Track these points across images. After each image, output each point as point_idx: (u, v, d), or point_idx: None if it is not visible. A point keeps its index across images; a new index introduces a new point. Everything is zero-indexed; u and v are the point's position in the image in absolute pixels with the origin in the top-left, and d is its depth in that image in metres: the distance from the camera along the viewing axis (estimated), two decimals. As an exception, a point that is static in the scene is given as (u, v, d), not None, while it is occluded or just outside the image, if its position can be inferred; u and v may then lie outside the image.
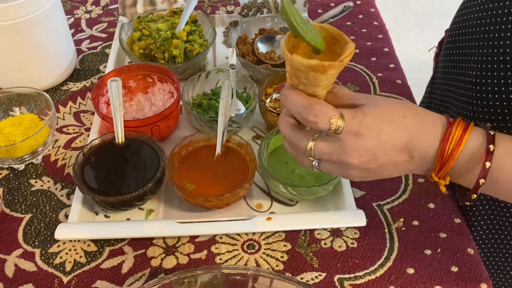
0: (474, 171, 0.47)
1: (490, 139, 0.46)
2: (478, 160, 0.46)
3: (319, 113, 0.44)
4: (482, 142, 0.46)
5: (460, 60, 0.69)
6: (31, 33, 0.74)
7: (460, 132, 0.46)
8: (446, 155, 0.46)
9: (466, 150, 0.46)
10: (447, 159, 0.47)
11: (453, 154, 0.46)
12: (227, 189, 0.64)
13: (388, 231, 0.65)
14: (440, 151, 0.47)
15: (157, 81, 0.79)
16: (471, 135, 0.47)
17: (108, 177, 0.64)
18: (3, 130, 0.71)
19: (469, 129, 0.47)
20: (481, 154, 0.46)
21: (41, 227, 0.64)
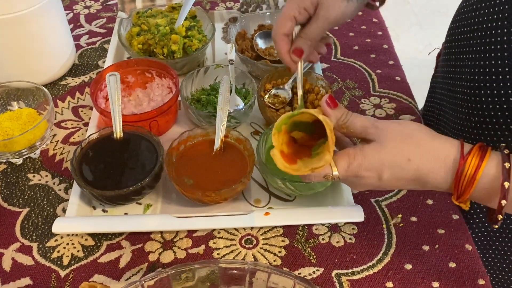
0: (492, 201, 0.47)
1: (506, 173, 0.45)
2: (494, 193, 0.46)
3: (312, 178, 0.52)
4: (498, 176, 0.46)
5: (457, 59, 0.69)
6: (29, 27, 0.74)
7: (473, 169, 0.46)
8: (460, 189, 0.47)
9: (482, 185, 0.46)
10: (463, 192, 0.47)
11: (468, 189, 0.47)
12: (226, 184, 0.64)
13: (386, 227, 0.65)
14: (454, 186, 0.47)
15: (156, 76, 0.79)
16: (486, 169, 0.46)
17: (106, 172, 0.64)
18: (1, 124, 0.71)
19: (483, 163, 0.46)
20: (496, 188, 0.46)
21: (38, 221, 0.64)
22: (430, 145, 0.48)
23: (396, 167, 0.48)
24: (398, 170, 0.48)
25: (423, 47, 2.68)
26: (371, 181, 0.50)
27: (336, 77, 0.88)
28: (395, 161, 0.48)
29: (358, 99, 0.84)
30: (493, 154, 0.47)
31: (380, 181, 0.49)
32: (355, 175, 0.49)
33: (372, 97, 0.84)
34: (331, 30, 1.00)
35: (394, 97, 0.85)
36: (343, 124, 0.51)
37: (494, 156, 0.47)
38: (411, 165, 0.48)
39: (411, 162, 0.48)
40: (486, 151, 0.47)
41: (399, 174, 0.48)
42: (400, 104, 0.83)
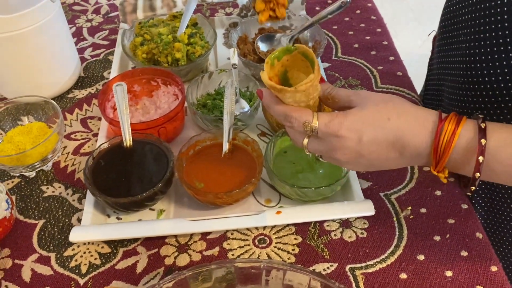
0: (470, 163, 0.48)
1: (482, 132, 0.47)
2: (472, 153, 0.47)
3: (293, 119, 0.50)
4: (474, 136, 0.47)
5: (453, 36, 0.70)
6: (35, 43, 0.76)
7: (452, 127, 0.47)
8: (439, 151, 0.48)
9: (459, 145, 0.47)
10: (441, 155, 0.48)
11: (446, 151, 0.47)
12: (236, 186, 0.65)
13: (397, 220, 0.66)
14: (434, 148, 0.48)
15: (161, 84, 0.80)
16: (463, 130, 0.47)
17: (119, 180, 0.65)
18: (13, 139, 0.73)
19: (461, 124, 0.48)
20: (474, 147, 0.47)
21: (55, 232, 0.65)
22: (409, 109, 0.50)
23: (376, 126, 0.48)
24: (378, 130, 0.48)
25: (422, 42, 2.69)
26: (351, 144, 0.49)
27: (338, 76, 0.89)
28: (375, 120, 0.49)
29: (361, 96, 0.85)
30: (468, 120, 0.49)
31: (360, 143, 0.49)
32: (335, 133, 0.49)
33: (375, 93, 0.85)
34: (330, 30, 1.01)
35: (396, 92, 0.86)
36: (328, 95, 0.53)
37: (470, 122, 0.49)
38: (391, 124, 0.48)
39: (391, 122, 0.48)
40: (462, 118, 0.48)
41: (379, 135, 0.48)
42: (403, 99, 0.84)
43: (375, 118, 0.49)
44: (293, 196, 0.66)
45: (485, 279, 0.59)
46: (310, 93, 0.50)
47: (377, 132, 0.48)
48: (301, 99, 0.50)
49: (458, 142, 0.47)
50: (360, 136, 0.48)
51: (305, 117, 0.50)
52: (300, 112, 0.50)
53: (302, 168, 0.68)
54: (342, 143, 0.49)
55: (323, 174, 0.67)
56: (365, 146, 0.49)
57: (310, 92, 0.49)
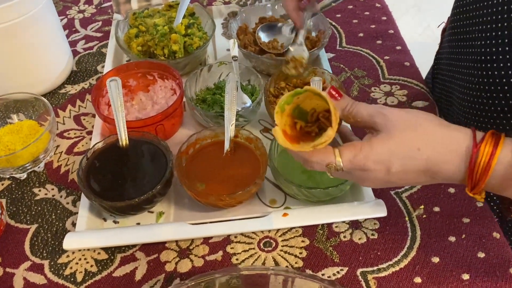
0: (509, 189, 0.45)
1: None
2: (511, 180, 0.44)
3: (314, 165, 0.47)
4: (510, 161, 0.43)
5: (465, 32, 0.66)
6: (23, 36, 0.72)
7: (490, 150, 0.44)
8: (475, 177, 0.44)
9: (497, 172, 0.44)
10: (478, 181, 0.45)
11: (483, 178, 0.44)
12: (239, 186, 0.61)
13: (409, 220, 0.63)
14: (469, 174, 0.45)
15: (158, 78, 0.76)
16: (501, 156, 0.43)
17: (115, 181, 0.61)
18: (2, 138, 0.69)
19: (499, 146, 0.44)
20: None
21: (48, 237, 0.62)
22: (440, 134, 0.46)
23: (405, 158, 0.45)
24: (408, 161, 0.45)
25: (422, 29, 2.65)
26: (379, 175, 0.47)
27: (343, 67, 0.85)
28: (404, 152, 0.45)
29: (368, 88, 0.81)
30: (507, 140, 0.45)
31: (389, 174, 0.46)
32: (361, 167, 0.46)
33: (382, 85, 0.82)
34: (334, 18, 0.97)
35: (405, 83, 0.82)
36: (349, 114, 0.49)
37: (509, 142, 0.44)
38: (421, 154, 0.45)
39: (421, 152, 0.45)
40: (500, 137, 0.44)
41: (408, 165, 0.45)
42: (412, 90, 0.80)
43: (404, 150, 0.45)
44: (300, 197, 0.62)
45: (504, 282, 0.56)
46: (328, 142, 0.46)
47: (406, 163, 0.46)
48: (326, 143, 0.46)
49: (495, 168, 0.44)
50: (388, 167, 0.46)
51: (327, 159, 0.46)
52: (320, 156, 0.47)
53: (308, 166, 0.64)
54: (369, 175, 0.47)
55: (331, 173, 0.64)
56: (394, 176, 0.46)
57: None
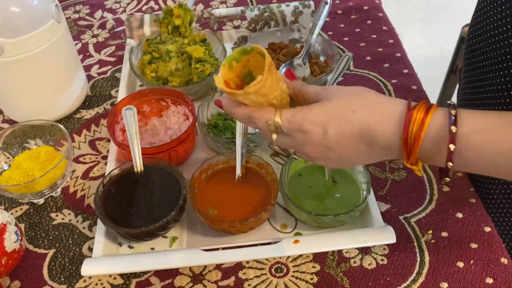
0: (442, 153, 0.45)
1: (452, 120, 0.44)
2: (443, 142, 0.45)
3: (255, 120, 0.49)
4: (444, 124, 0.44)
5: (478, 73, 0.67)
6: (41, 65, 0.74)
7: (422, 115, 0.45)
8: (410, 142, 0.45)
9: (429, 134, 0.45)
10: (412, 146, 0.45)
11: (416, 141, 0.45)
12: (250, 212, 0.63)
13: (418, 245, 0.64)
14: (403, 139, 0.45)
15: (171, 104, 0.78)
16: (432, 118, 0.45)
17: (130, 208, 0.63)
18: (21, 164, 0.71)
19: (431, 112, 0.45)
20: (445, 136, 0.44)
21: (65, 262, 0.64)
22: (376, 100, 0.48)
23: (341, 120, 0.47)
24: (344, 123, 0.47)
25: (428, 43, 2.66)
26: (317, 138, 0.47)
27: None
28: (340, 113, 0.47)
29: (376, 112, 0.83)
30: (439, 108, 0.46)
31: (326, 138, 0.47)
32: (299, 128, 0.48)
33: (390, 109, 0.83)
34: (342, 42, 0.99)
35: (412, 107, 0.83)
36: (299, 92, 0.51)
37: (440, 109, 0.46)
38: (357, 116, 0.46)
39: (356, 114, 0.46)
40: (432, 106, 0.46)
41: (344, 128, 0.47)
42: (419, 114, 0.82)
43: (340, 111, 0.47)
44: (310, 223, 0.64)
45: (512, 308, 0.57)
46: (266, 94, 0.48)
47: (342, 125, 0.47)
48: (259, 100, 0.48)
49: (428, 131, 0.45)
50: (325, 130, 0.47)
51: (266, 115, 0.48)
52: (261, 112, 0.49)
53: (319, 192, 0.66)
54: (307, 138, 0.48)
55: (341, 198, 0.65)
56: (332, 140, 0.47)
57: (265, 92, 0.47)
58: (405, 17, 2.84)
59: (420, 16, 2.89)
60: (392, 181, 0.72)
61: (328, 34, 1.00)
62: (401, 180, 0.72)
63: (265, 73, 0.46)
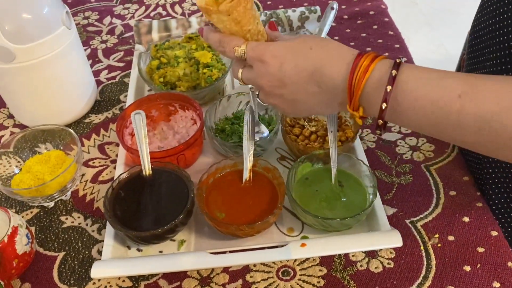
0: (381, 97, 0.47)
1: (395, 66, 0.46)
2: (383, 87, 0.46)
3: (225, 44, 0.54)
4: (388, 70, 0.46)
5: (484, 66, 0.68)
6: (52, 71, 0.75)
7: (368, 62, 0.47)
8: (353, 84, 0.47)
9: (372, 78, 0.47)
10: (355, 88, 0.47)
11: (359, 83, 0.47)
12: (257, 216, 0.63)
13: (424, 249, 0.64)
14: (348, 80, 0.48)
15: (179, 109, 0.79)
16: (378, 65, 0.47)
17: (139, 211, 0.64)
18: (31, 168, 0.72)
19: (377, 59, 0.47)
20: (386, 80, 0.46)
21: (75, 264, 0.64)
22: (333, 44, 0.51)
23: (298, 55, 0.50)
24: (299, 59, 0.50)
25: (435, 47, 2.66)
26: (273, 69, 0.51)
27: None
28: (298, 48, 0.51)
29: (382, 116, 0.83)
30: (386, 59, 0.48)
31: (281, 70, 0.50)
32: (259, 57, 0.52)
33: (396, 113, 0.83)
34: (347, 46, 0.99)
35: (418, 111, 0.83)
36: (275, 39, 0.57)
37: (387, 59, 0.48)
38: (312, 53, 0.50)
39: (312, 51, 0.50)
40: (380, 55, 0.48)
41: (299, 62, 0.50)
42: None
43: (298, 47, 0.51)
44: (317, 226, 0.64)
45: (519, 312, 0.57)
46: (240, 22, 0.52)
47: (298, 60, 0.50)
48: (232, 27, 0.52)
49: (371, 75, 0.47)
50: (282, 62, 0.51)
51: (235, 41, 0.54)
52: (231, 38, 0.54)
53: (325, 196, 0.66)
54: (266, 68, 0.52)
55: (347, 202, 0.66)
56: (286, 73, 0.51)
57: (238, 19, 0.51)
58: (411, 21, 2.84)
59: (426, 20, 2.89)
60: (398, 185, 0.72)
61: (334, 39, 1.00)
62: (407, 184, 0.72)
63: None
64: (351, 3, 1.11)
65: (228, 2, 0.49)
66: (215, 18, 0.52)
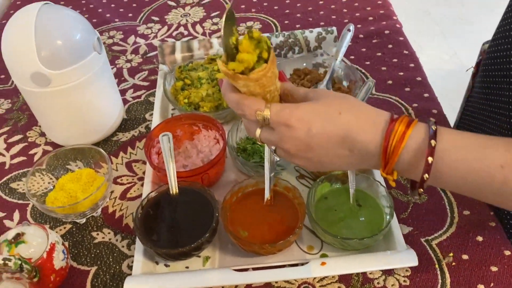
0: (419, 166, 0.47)
1: (432, 134, 0.46)
2: (422, 155, 0.47)
3: (245, 108, 0.50)
4: (425, 138, 0.47)
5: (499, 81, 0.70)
6: (84, 93, 0.80)
7: (403, 128, 0.47)
8: (389, 151, 0.47)
9: (409, 146, 0.47)
10: (391, 155, 0.47)
11: (396, 151, 0.47)
12: (279, 235, 0.67)
13: (439, 267, 0.67)
14: (383, 147, 0.47)
15: (202, 128, 0.83)
16: (413, 132, 0.47)
17: (167, 229, 0.68)
18: (65, 186, 0.76)
19: (412, 125, 0.47)
20: (424, 149, 0.46)
21: (107, 279, 0.68)
22: (364, 107, 0.50)
23: (326, 119, 0.48)
24: (328, 123, 0.48)
25: (449, 57, 2.67)
26: (300, 134, 0.49)
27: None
28: (326, 113, 0.49)
29: (397, 135, 0.86)
30: (420, 123, 0.48)
31: (309, 135, 0.49)
32: (285, 122, 0.49)
33: (411, 132, 0.86)
34: (363, 66, 1.02)
35: (433, 131, 0.86)
36: (288, 92, 0.54)
37: (421, 124, 0.48)
38: (342, 118, 0.48)
39: (342, 116, 0.49)
40: (413, 120, 0.48)
41: (328, 127, 0.48)
42: (440, 138, 0.85)
43: (326, 111, 0.49)
44: (336, 245, 0.67)
45: (532, 331, 0.59)
46: (265, 85, 0.49)
47: (327, 125, 0.48)
48: (256, 90, 0.49)
49: (408, 143, 0.47)
50: (309, 127, 0.49)
51: (257, 105, 0.50)
52: (252, 100, 0.50)
53: (344, 215, 0.70)
54: (291, 133, 0.49)
55: (365, 221, 0.69)
56: (315, 138, 0.49)
57: (264, 83, 0.49)
58: (425, 30, 2.86)
59: (440, 29, 2.90)
60: (413, 204, 0.75)
61: (350, 58, 1.04)
62: (423, 203, 0.75)
63: (270, 63, 0.48)
64: (367, 22, 1.15)
65: (260, 70, 0.47)
66: (241, 84, 0.49)
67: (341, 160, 0.51)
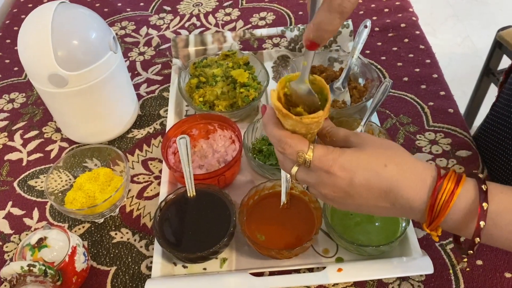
0: (469, 226, 0.46)
1: (483, 195, 0.45)
2: (471, 216, 0.45)
3: (287, 146, 0.48)
4: (475, 198, 0.45)
5: None
6: (100, 93, 0.80)
7: (452, 186, 0.45)
8: (436, 210, 0.46)
9: (458, 205, 0.45)
10: (438, 214, 0.46)
11: (444, 210, 0.45)
12: (295, 238, 0.68)
13: (453, 272, 0.67)
14: (429, 205, 0.46)
15: (218, 128, 0.83)
16: (462, 190, 0.45)
17: (185, 232, 0.69)
18: (83, 186, 0.77)
19: (461, 183, 0.46)
20: (474, 211, 0.45)
21: (126, 279, 0.70)
22: (410, 160, 0.48)
23: (371, 171, 0.47)
24: (372, 175, 0.46)
25: (461, 39, 2.63)
26: (342, 183, 0.47)
27: (389, 113, 0.90)
28: (371, 165, 0.47)
29: (413, 135, 0.86)
30: (468, 179, 0.47)
31: (351, 185, 0.47)
32: (327, 169, 0.47)
33: (427, 132, 0.86)
34: (379, 61, 1.01)
35: (449, 131, 0.86)
36: (327, 133, 0.53)
37: (470, 181, 0.47)
38: (387, 172, 0.46)
39: (387, 169, 0.47)
40: (462, 176, 0.47)
41: (372, 180, 0.47)
42: (456, 139, 0.84)
43: (371, 162, 0.47)
44: (351, 251, 0.68)
45: None
46: (312, 128, 0.49)
47: (370, 177, 0.47)
48: (301, 130, 0.49)
49: (456, 203, 0.45)
50: (352, 177, 0.47)
51: (300, 146, 0.48)
52: (296, 140, 0.48)
53: (360, 220, 0.70)
54: (332, 180, 0.48)
55: (380, 226, 0.69)
56: (356, 188, 0.47)
57: (312, 127, 0.48)
58: (438, 12, 2.80)
59: (453, 11, 2.84)
60: (429, 208, 0.75)
61: (365, 52, 1.03)
62: (438, 207, 0.75)
63: (326, 110, 0.47)
64: (382, 15, 1.13)
65: (314, 117, 0.47)
66: (289, 122, 0.48)
67: (380, 210, 0.49)
